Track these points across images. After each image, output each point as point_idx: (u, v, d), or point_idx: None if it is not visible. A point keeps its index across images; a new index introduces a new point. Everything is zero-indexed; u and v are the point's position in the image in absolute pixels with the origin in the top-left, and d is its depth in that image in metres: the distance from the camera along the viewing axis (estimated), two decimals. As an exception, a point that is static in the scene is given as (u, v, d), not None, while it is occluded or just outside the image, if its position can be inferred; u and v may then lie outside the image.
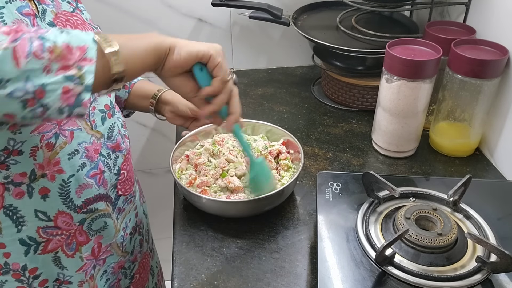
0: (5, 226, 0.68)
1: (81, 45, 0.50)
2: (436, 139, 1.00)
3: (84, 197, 0.73)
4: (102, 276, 0.84)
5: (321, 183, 0.77)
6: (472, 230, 0.68)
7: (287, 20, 1.16)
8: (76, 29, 0.72)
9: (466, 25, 1.00)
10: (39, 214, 0.69)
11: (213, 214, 0.82)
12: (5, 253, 0.70)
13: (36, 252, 0.72)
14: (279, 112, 1.15)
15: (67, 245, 0.74)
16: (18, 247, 0.70)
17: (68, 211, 0.72)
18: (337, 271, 0.62)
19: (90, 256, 0.79)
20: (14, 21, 0.60)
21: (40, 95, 0.47)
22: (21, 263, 0.72)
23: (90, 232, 0.77)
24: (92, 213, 0.76)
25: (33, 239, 0.71)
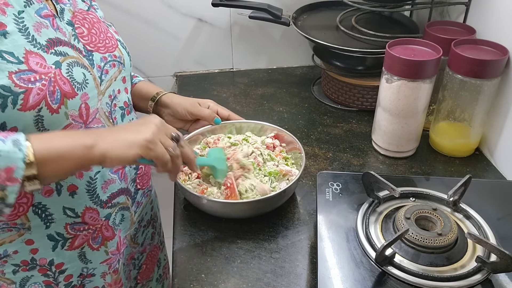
0: (34, 224, 0.70)
1: (9, 166, 0.52)
2: (436, 139, 1.00)
3: (109, 192, 0.76)
4: (121, 267, 0.87)
5: (321, 183, 0.77)
6: (472, 230, 0.68)
7: (287, 20, 1.16)
8: (93, 27, 0.74)
9: (466, 25, 1.00)
10: (67, 211, 0.71)
11: (215, 215, 0.82)
12: (32, 249, 0.72)
13: (63, 247, 0.74)
14: (279, 112, 1.15)
15: (93, 239, 0.77)
16: (46, 243, 0.72)
17: (94, 206, 0.74)
18: (337, 271, 0.62)
19: (115, 251, 0.81)
20: (34, 24, 0.62)
21: None
22: (48, 258, 0.74)
23: (115, 227, 0.80)
24: (115, 207, 0.78)
25: (61, 235, 0.73)
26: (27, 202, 0.68)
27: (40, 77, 0.61)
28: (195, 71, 1.38)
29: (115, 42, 0.77)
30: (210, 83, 1.30)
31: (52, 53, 0.63)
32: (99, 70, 0.72)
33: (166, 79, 1.37)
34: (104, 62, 0.73)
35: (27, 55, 0.60)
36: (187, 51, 1.34)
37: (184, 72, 1.37)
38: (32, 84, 0.60)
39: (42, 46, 0.62)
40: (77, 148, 0.58)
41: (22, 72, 0.59)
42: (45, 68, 0.62)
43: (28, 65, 0.60)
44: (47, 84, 0.61)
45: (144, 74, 1.34)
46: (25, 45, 0.60)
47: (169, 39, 1.31)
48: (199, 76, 1.35)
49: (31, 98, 0.60)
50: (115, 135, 0.62)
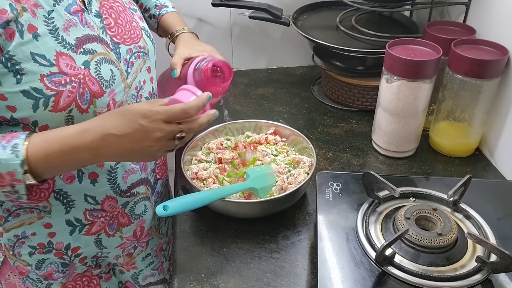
0: (55, 208, 0.73)
1: (10, 171, 0.58)
2: (436, 139, 1.00)
3: (130, 182, 0.78)
4: (146, 258, 0.90)
5: (321, 183, 0.77)
6: (472, 230, 0.68)
7: (287, 20, 1.16)
8: (119, 16, 0.74)
9: (466, 25, 1.00)
10: (89, 198, 0.74)
11: (227, 215, 0.82)
12: (50, 233, 0.75)
13: (80, 232, 0.76)
14: (279, 112, 1.15)
15: (109, 226, 0.79)
16: (64, 227, 0.75)
17: (114, 195, 0.77)
18: (337, 271, 0.62)
19: (131, 237, 0.84)
20: (64, 24, 0.63)
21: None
22: (65, 242, 0.76)
23: (133, 216, 0.82)
24: (134, 197, 0.80)
25: (79, 221, 0.75)
26: (48, 188, 0.70)
27: (70, 80, 0.62)
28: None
29: (139, 32, 0.78)
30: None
31: (81, 53, 0.64)
32: (125, 63, 0.73)
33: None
34: (130, 55, 0.74)
35: (58, 57, 0.61)
36: (187, 51, 1.33)
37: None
38: (62, 86, 0.61)
39: (71, 46, 0.63)
40: (74, 163, 0.64)
41: (53, 75, 0.61)
42: (74, 69, 0.63)
43: (59, 67, 0.61)
44: (76, 86, 0.63)
45: None
46: (55, 46, 0.61)
47: (169, 39, 1.30)
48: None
49: (62, 101, 0.62)
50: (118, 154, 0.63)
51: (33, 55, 0.59)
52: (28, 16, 0.58)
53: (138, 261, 0.89)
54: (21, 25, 0.58)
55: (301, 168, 0.86)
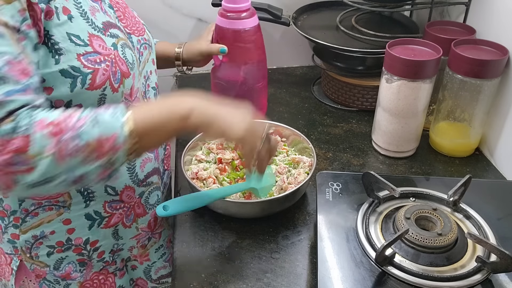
0: (74, 202, 0.73)
1: (111, 135, 0.55)
2: (436, 139, 1.00)
3: (146, 171, 0.79)
4: (158, 249, 0.91)
5: (321, 183, 0.77)
6: (472, 230, 0.68)
7: (287, 20, 1.16)
8: (125, 11, 0.77)
9: (466, 25, 1.00)
10: (109, 189, 0.75)
11: (222, 213, 0.82)
12: (69, 229, 0.75)
13: (99, 226, 0.77)
14: (279, 112, 1.15)
15: (126, 217, 0.80)
16: (83, 222, 0.75)
17: (133, 185, 0.78)
18: (337, 271, 0.62)
19: (146, 228, 0.85)
20: (90, 8, 0.66)
21: (81, 180, 0.56)
22: (84, 237, 0.77)
23: (147, 206, 0.83)
24: (149, 186, 0.82)
25: (98, 214, 0.76)
26: None
27: (104, 59, 0.65)
28: (195, 71, 1.37)
29: (142, 27, 0.82)
30: (210, 84, 1.30)
31: (108, 36, 0.68)
32: (137, 51, 0.76)
33: (166, 79, 1.36)
34: (140, 44, 0.78)
35: (91, 38, 0.64)
36: (187, 51, 1.33)
37: (183, 73, 1.37)
38: (98, 65, 0.64)
39: (100, 29, 0.66)
40: (173, 120, 0.61)
41: (88, 54, 0.63)
42: (106, 50, 0.66)
43: (93, 47, 0.64)
44: (110, 64, 0.65)
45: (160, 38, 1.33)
46: (87, 28, 0.64)
47: (169, 39, 1.30)
48: (199, 76, 1.35)
49: (98, 78, 0.64)
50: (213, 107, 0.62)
51: (69, 35, 0.61)
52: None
53: (151, 252, 0.90)
54: (56, 8, 0.60)
55: (301, 168, 0.86)
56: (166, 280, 0.97)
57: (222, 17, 0.97)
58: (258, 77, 1.03)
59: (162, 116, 0.60)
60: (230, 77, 1.01)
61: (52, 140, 0.52)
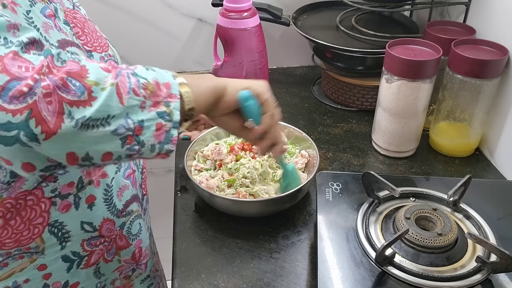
0: (48, 245, 0.66)
1: (166, 82, 0.51)
2: (436, 139, 1.00)
3: (124, 200, 0.74)
4: (144, 281, 0.85)
5: (321, 183, 0.77)
6: (472, 230, 0.68)
7: (287, 20, 1.16)
8: (84, 26, 0.72)
9: (466, 25, 1.00)
10: (85, 225, 0.68)
11: (224, 212, 0.82)
12: (45, 275, 0.68)
13: (79, 267, 0.70)
14: (279, 112, 1.15)
15: (107, 252, 0.74)
16: (60, 265, 0.69)
17: (111, 217, 0.72)
18: (337, 271, 0.62)
19: (130, 260, 0.79)
20: (42, 25, 0.59)
21: (138, 131, 0.48)
22: (62, 281, 0.70)
23: (130, 237, 0.77)
24: (129, 216, 0.76)
25: (77, 254, 0.70)
26: (42, 222, 0.65)
27: None
28: (195, 71, 1.38)
29: (105, 41, 0.75)
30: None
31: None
32: None
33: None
34: (104, 61, 0.71)
35: None
36: (187, 51, 1.34)
37: (184, 72, 1.37)
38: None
39: (55, 47, 0.59)
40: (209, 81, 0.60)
41: None
42: None
43: None
44: None
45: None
46: None
47: (169, 39, 1.31)
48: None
49: None
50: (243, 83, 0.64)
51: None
52: (9, 12, 0.54)
53: (136, 284, 0.84)
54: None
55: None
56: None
57: (224, 17, 0.97)
58: (260, 76, 1.02)
59: (200, 79, 0.59)
60: (232, 77, 1.01)
61: (109, 74, 0.46)
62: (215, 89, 0.60)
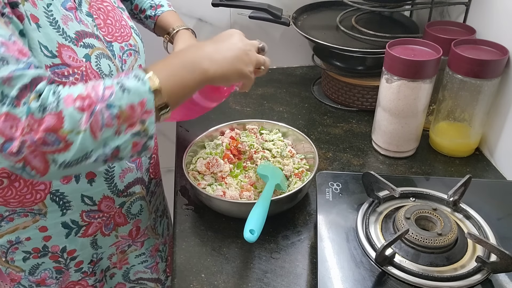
0: (50, 210, 0.71)
1: (141, 100, 0.54)
2: (436, 139, 1.00)
3: (126, 182, 0.78)
4: (139, 256, 0.90)
5: (321, 183, 0.77)
6: (472, 230, 0.68)
7: (287, 20, 1.16)
8: (108, 16, 0.74)
9: (466, 25, 1.00)
10: (86, 199, 0.73)
11: (223, 214, 0.82)
12: (45, 236, 0.74)
13: (76, 234, 0.76)
14: (279, 112, 1.15)
15: (105, 226, 0.78)
16: (59, 230, 0.74)
17: (112, 195, 0.76)
18: (337, 271, 0.62)
19: (126, 236, 0.84)
20: (62, 17, 0.63)
21: (116, 153, 0.54)
22: (60, 245, 0.75)
23: (129, 216, 0.82)
24: (130, 196, 0.80)
25: (75, 223, 0.74)
26: (44, 189, 0.69)
27: (73, 71, 0.62)
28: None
29: (129, 30, 0.78)
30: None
31: (81, 46, 0.65)
32: (120, 60, 0.73)
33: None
34: (122, 52, 0.74)
35: (60, 49, 0.61)
36: (187, 51, 1.33)
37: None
38: (65, 78, 0.61)
39: (72, 39, 0.63)
40: (196, 75, 0.61)
41: (56, 66, 0.61)
42: (77, 61, 0.63)
43: (62, 58, 0.61)
44: (79, 78, 0.63)
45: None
46: (57, 38, 0.61)
47: (169, 39, 1.30)
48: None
49: None
50: (220, 53, 0.64)
51: (40, 44, 0.59)
52: (29, 6, 0.58)
53: (131, 257, 0.89)
54: (25, 12, 0.57)
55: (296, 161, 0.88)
56: (144, 283, 0.95)
57: None
58: None
59: (183, 73, 0.60)
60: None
61: (84, 114, 0.51)
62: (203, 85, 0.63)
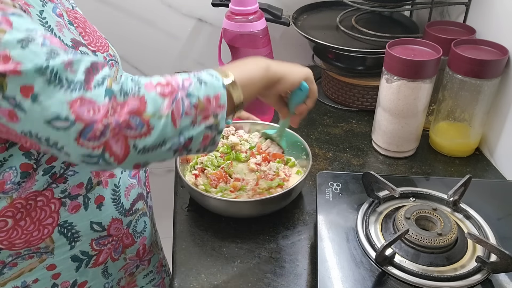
0: (58, 245, 0.67)
1: (216, 94, 0.55)
2: (436, 139, 1.00)
3: (131, 199, 0.75)
4: (147, 276, 0.87)
5: (321, 183, 0.77)
6: (472, 230, 0.68)
7: (287, 20, 1.16)
8: (86, 26, 0.71)
9: (466, 25, 1.00)
10: (95, 225, 0.69)
11: (219, 214, 0.82)
12: (54, 274, 0.69)
13: (87, 266, 0.72)
14: (279, 112, 1.15)
15: (115, 250, 0.75)
16: (69, 265, 0.70)
17: (119, 216, 0.73)
18: (337, 271, 0.62)
19: (134, 257, 0.80)
20: (56, 24, 0.60)
21: (188, 144, 0.54)
22: (71, 280, 0.71)
23: (135, 234, 0.78)
24: (135, 214, 0.77)
25: (86, 253, 0.71)
26: (52, 223, 0.65)
27: None
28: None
29: (105, 41, 0.75)
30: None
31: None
32: None
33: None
34: (107, 62, 0.71)
35: None
36: (187, 51, 1.34)
37: (184, 72, 1.37)
38: None
39: (70, 47, 0.61)
40: (260, 70, 0.64)
41: None
42: None
43: None
44: None
45: (144, 74, 1.33)
46: None
47: (169, 39, 1.31)
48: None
49: None
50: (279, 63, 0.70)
51: None
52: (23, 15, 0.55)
53: (139, 278, 0.85)
54: None
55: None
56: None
57: (230, 20, 0.96)
58: None
59: (250, 67, 0.64)
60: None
61: (166, 99, 0.51)
62: (268, 80, 0.66)
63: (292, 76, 0.70)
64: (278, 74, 0.67)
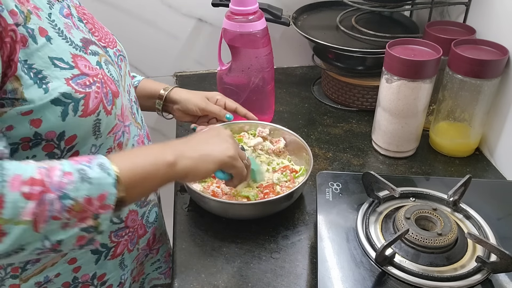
0: None
1: (102, 193, 0.50)
2: (436, 139, 1.00)
3: None
4: (154, 264, 0.89)
5: (321, 183, 0.77)
6: (472, 230, 0.68)
7: (287, 20, 1.16)
8: (94, 22, 0.70)
9: (466, 25, 1.00)
10: (114, 218, 0.70)
11: (221, 216, 0.82)
12: (75, 268, 0.69)
13: (106, 258, 0.72)
14: (279, 112, 1.15)
15: (130, 241, 0.76)
16: (89, 258, 0.70)
17: (136, 208, 0.74)
18: (337, 271, 0.62)
19: (145, 247, 0.82)
20: (65, 26, 0.59)
21: (56, 247, 0.49)
22: (90, 273, 0.71)
23: (148, 225, 0.80)
24: (148, 205, 0.79)
25: (105, 246, 0.71)
26: None
27: (93, 80, 0.59)
28: (195, 71, 1.38)
29: (113, 37, 0.75)
30: (210, 83, 1.30)
31: (90, 54, 0.61)
32: (117, 66, 0.70)
33: (166, 79, 1.37)
34: (116, 57, 0.71)
35: (75, 59, 0.58)
36: (187, 51, 1.34)
37: (184, 72, 1.37)
38: (88, 88, 0.58)
39: (80, 47, 0.60)
40: (160, 166, 0.58)
41: (77, 77, 0.57)
42: (92, 70, 0.60)
43: (79, 69, 0.58)
44: (100, 86, 0.60)
45: (144, 74, 1.34)
46: (68, 49, 0.58)
47: (169, 39, 1.31)
48: (199, 76, 1.35)
49: (91, 103, 0.58)
50: (195, 149, 0.63)
51: (52, 59, 0.55)
52: (35, 19, 0.54)
53: (146, 266, 0.87)
54: (31, 30, 0.53)
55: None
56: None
57: (231, 20, 0.96)
58: (268, 80, 1.01)
59: (148, 163, 0.57)
60: (240, 81, 1.00)
61: (29, 203, 0.45)
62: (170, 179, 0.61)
63: (202, 169, 0.63)
64: (185, 170, 0.61)
